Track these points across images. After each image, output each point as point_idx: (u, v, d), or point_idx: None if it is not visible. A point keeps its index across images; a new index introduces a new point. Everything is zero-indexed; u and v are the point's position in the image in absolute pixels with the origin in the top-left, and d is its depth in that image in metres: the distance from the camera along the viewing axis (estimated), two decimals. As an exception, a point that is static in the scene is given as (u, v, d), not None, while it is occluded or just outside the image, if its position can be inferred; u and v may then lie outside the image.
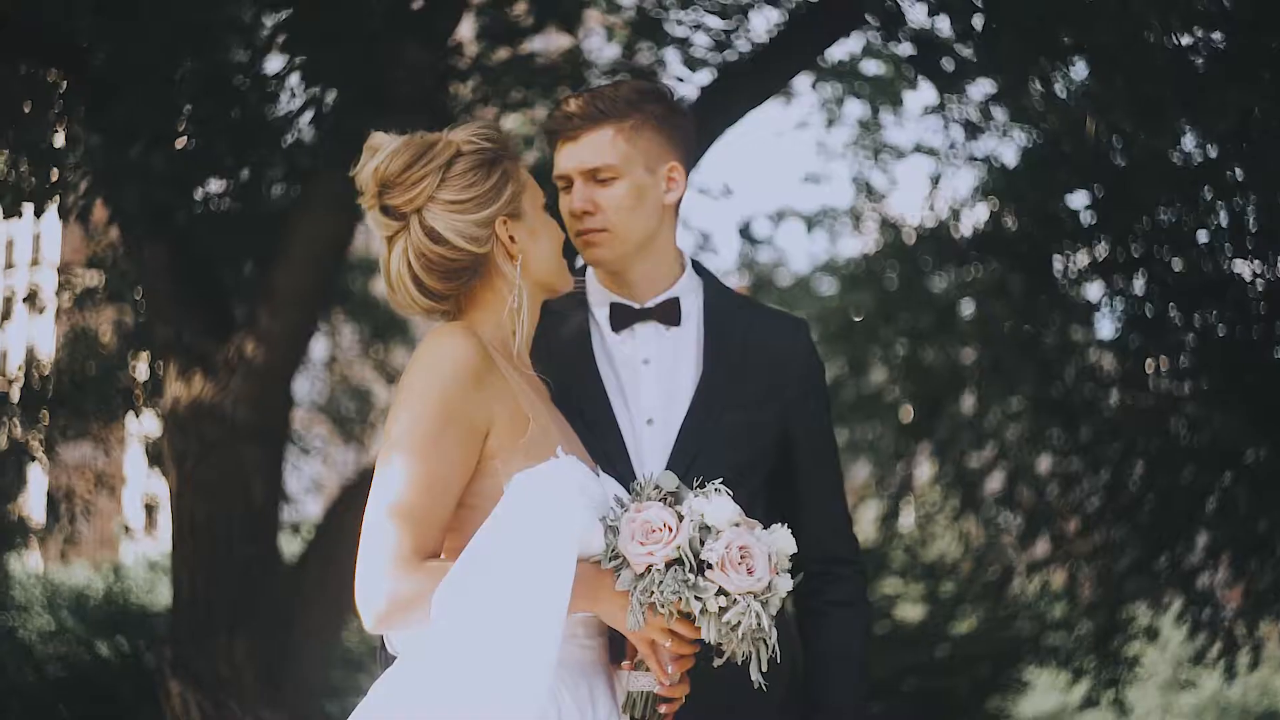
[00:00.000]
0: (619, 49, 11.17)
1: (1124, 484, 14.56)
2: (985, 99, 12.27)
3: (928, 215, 14.48)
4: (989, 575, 15.85)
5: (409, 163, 3.90)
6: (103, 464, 16.30)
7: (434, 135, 3.98)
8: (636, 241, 4.27)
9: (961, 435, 15.32)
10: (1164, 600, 15.03)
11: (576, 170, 4.24)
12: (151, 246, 9.62)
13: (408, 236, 3.94)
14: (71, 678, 15.23)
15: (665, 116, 4.30)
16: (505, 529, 3.70)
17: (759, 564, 3.76)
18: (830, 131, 13.96)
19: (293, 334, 9.58)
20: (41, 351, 15.04)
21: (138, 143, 8.72)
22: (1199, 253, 12.84)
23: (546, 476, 3.78)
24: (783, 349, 4.40)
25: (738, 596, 3.71)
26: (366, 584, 3.71)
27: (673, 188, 4.32)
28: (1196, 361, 13.59)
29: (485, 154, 3.98)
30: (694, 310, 4.38)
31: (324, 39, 9.05)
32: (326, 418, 17.22)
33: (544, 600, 3.65)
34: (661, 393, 4.31)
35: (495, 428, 3.86)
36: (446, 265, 3.94)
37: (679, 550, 3.73)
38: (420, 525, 3.73)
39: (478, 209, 3.94)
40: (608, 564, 3.79)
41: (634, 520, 3.77)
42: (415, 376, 3.83)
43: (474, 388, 3.82)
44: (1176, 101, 9.12)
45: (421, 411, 3.77)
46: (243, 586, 9.51)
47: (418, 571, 3.69)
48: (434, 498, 3.76)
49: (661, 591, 3.70)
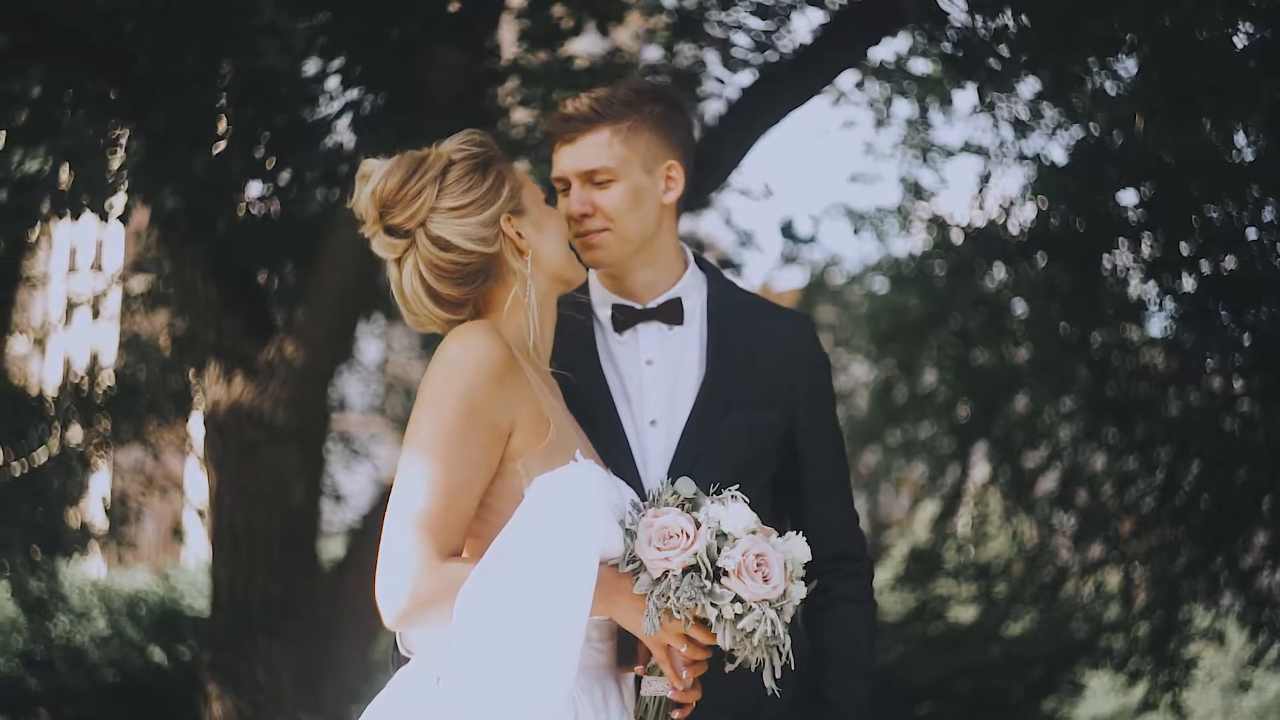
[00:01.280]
0: (659, 50, 11.15)
1: (1179, 484, 14.45)
2: (1034, 96, 12.21)
3: (977, 214, 14.40)
4: (1043, 576, 15.76)
5: (404, 179, 3.93)
6: (163, 468, 16.38)
7: (422, 151, 4.01)
8: (636, 242, 4.25)
9: (1015, 435, 15.25)
10: (1223, 601, 14.90)
11: (574, 173, 4.23)
12: (192, 250, 9.66)
13: (416, 251, 3.95)
14: (124, 683, 15.29)
15: (663, 116, 4.29)
16: (528, 533, 3.69)
17: (775, 572, 3.79)
18: (878, 131, 13.89)
19: (332, 336, 9.60)
20: (104, 356, 15.13)
21: (178, 147, 8.76)
22: (1249, 250, 12.74)
23: (568, 480, 3.77)
24: (787, 347, 4.37)
25: (754, 604, 3.74)
26: (388, 581, 3.71)
27: (671, 187, 4.30)
28: (1250, 360, 13.48)
29: (476, 158, 4.00)
30: (697, 309, 4.36)
31: (363, 43, 9.07)
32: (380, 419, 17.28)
33: (567, 604, 3.65)
34: (665, 393, 4.29)
35: (518, 429, 3.86)
36: (459, 270, 3.94)
37: (696, 557, 3.76)
38: (443, 524, 3.73)
39: (481, 210, 3.95)
40: (625, 568, 3.81)
41: (651, 525, 3.80)
42: (439, 374, 3.83)
43: (498, 388, 3.82)
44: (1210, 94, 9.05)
45: (445, 410, 3.78)
46: (281, 590, 9.54)
47: (440, 570, 3.69)
48: (457, 497, 3.75)
49: (678, 597, 3.73)
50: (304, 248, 9.95)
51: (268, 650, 9.43)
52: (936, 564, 16.32)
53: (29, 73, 9.19)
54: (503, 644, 3.60)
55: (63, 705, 14.82)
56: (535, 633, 3.61)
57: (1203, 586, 14.64)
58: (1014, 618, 16.48)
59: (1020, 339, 14.88)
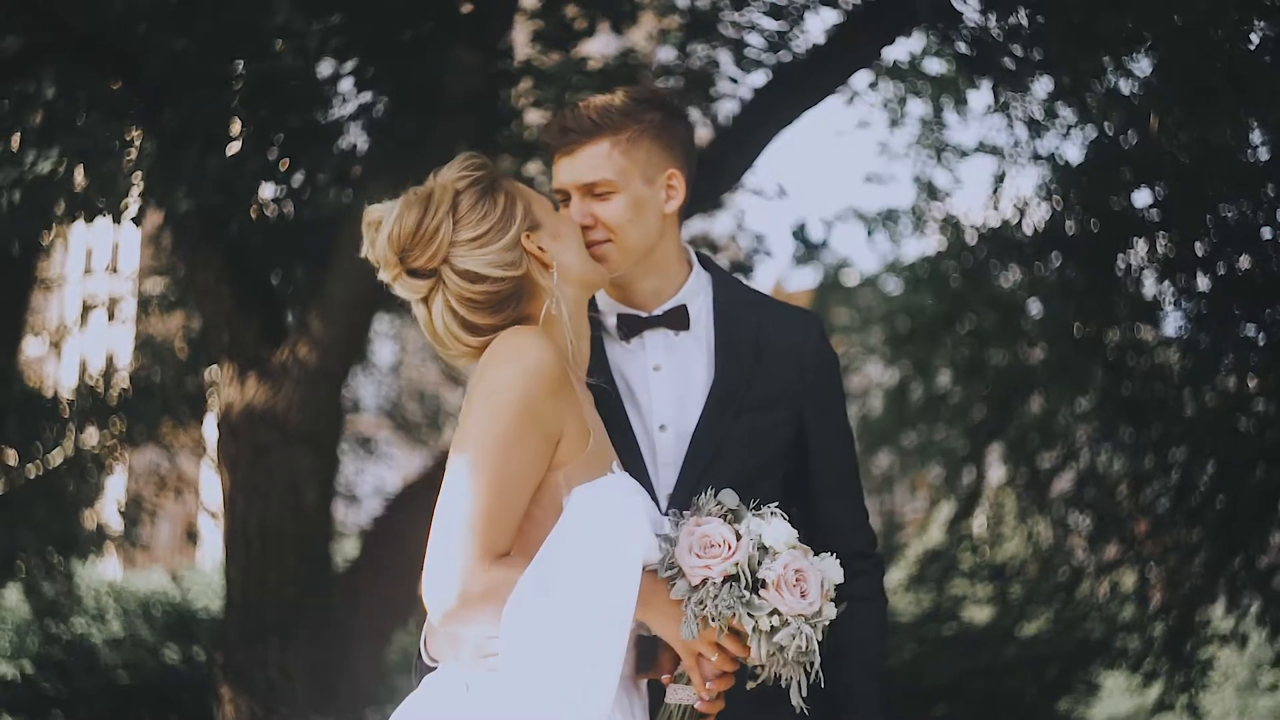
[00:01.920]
0: (673, 51, 11.14)
1: (1194, 484, 14.43)
2: (1048, 96, 12.19)
3: (991, 215, 14.38)
4: (1058, 577, 15.74)
5: (419, 219, 3.88)
6: (177, 470, 16.40)
7: (424, 187, 3.96)
8: (638, 253, 4.22)
9: (1031, 436, 15.23)
10: (1241, 602, 14.87)
11: (573, 185, 4.19)
12: (205, 251, 9.66)
13: (443, 289, 3.91)
14: (137, 684, 15.31)
15: (663, 124, 4.24)
16: (573, 542, 3.70)
17: (812, 589, 3.81)
18: (892, 131, 13.89)
19: (345, 339, 9.61)
20: (120, 358, 15.15)
21: (191, 148, 8.76)
22: (1265, 250, 12.72)
23: (608, 491, 3.79)
24: (794, 346, 4.34)
25: (790, 618, 3.75)
26: (437, 578, 3.68)
27: (672, 196, 4.26)
28: (1265, 359, 13.45)
29: (481, 182, 3.96)
30: (703, 313, 4.33)
31: (376, 44, 9.08)
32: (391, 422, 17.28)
33: (612, 612, 3.66)
34: (673, 398, 4.27)
35: (564, 437, 3.84)
36: (491, 299, 3.91)
37: (737, 566, 3.77)
38: (493, 524, 3.71)
39: (501, 234, 3.91)
40: (664, 573, 3.80)
41: (693, 533, 3.80)
42: (497, 375, 3.80)
43: (552, 395, 3.80)
44: (1231, 91, 9.02)
45: (502, 412, 3.75)
46: (295, 591, 9.54)
47: (489, 570, 3.67)
48: (508, 498, 3.73)
49: (716, 605, 3.73)
50: (317, 249, 9.95)
51: (281, 651, 9.43)
52: (951, 565, 16.31)
53: (43, 74, 9.20)
54: (550, 652, 3.60)
55: (76, 706, 14.84)
56: (582, 640, 3.62)
57: (1222, 587, 14.61)
58: (1029, 618, 16.46)
59: (1035, 339, 14.86)
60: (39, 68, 9.19)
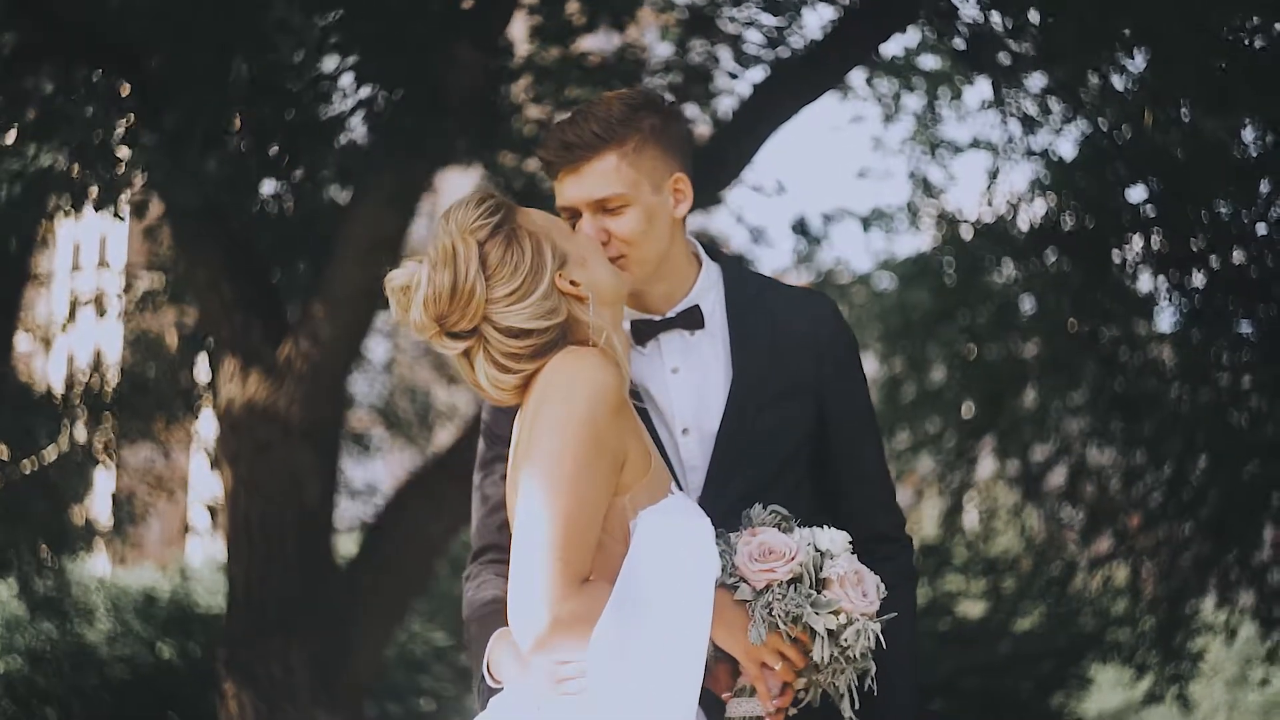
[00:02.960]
0: (672, 47, 11.14)
1: (1187, 479, 14.48)
2: (1042, 92, 12.21)
3: (986, 210, 14.41)
4: (1051, 571, 15.78)
5: (452, 284, 3.78)
6: (167, 466, 16.38)
7: (444, 241, 3.83)
8: (654, 263, 4.14)
9: (1023, 431, 15.26)
10: (1233, 596, 14.93)
11: (584, 203, 4.09)
12: (205, 247, 9.65)
13: (485, 345, 3.83)
14: (134, 680, 15.31)
15: (662, 128, 4.15)
16: (649, 567, 3.70)
17: (870, 588, 3.84)
18: (887, 127, 13.91)
19: (346, 334, 9.61)
20: (108, 354, 15.11)
21: (191, 144, 8.75)
22: (1258, 245, 12.76)
23: (674, 513, 3.79)
24: (809, 332, 4.27)
25: (855, 616, 3.77)
26: (525, 605, 3.65)
27: (680, 200, 4.17)
28: (1258, 354, 13.49)
29: (504, 229, 3.85)
30: (716, 308, 4.26)
31: (376, 40, 9.07)
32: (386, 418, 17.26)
33: (690, 633, 3.66)
34: (694, 400, 4.21)
35: (629, 460, 3.80)
36: (537, 348, 3.82)
37: (802, 567, 3.78)
38: (575, 548, 3.67)
39: (535, 283, 3.82)
40: (727, 581, 3.80)
41: (750, 543, 3.81)
42: (563, 399, 3.74)
43: (616, 417, 3.76)
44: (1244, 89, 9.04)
45: (573, 433, 3.70)
46: (297, 587, 9.54)
47: (577, 595, 3.65)
48: (586, 521, 3.70)
49: (785, 605, 3.74)
50: (318, 245, 9.95)
51: (284, 647, 9.43)
52: (945, 559, 16.35)
53: (41, 70, 9.19)
54: (634, 675, 3.61)
55: (72, 702, 14.85)
56: (664, 662, 3.63)
57: (1215, 582, 14.67)
58: (1022, 613, 16.52)
59: (1028, 334, 14.88)
60: (38, 63, 9.17)
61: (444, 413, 17.49)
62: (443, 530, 10.49)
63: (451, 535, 10.96)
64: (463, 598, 4.28)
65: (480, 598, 4.19)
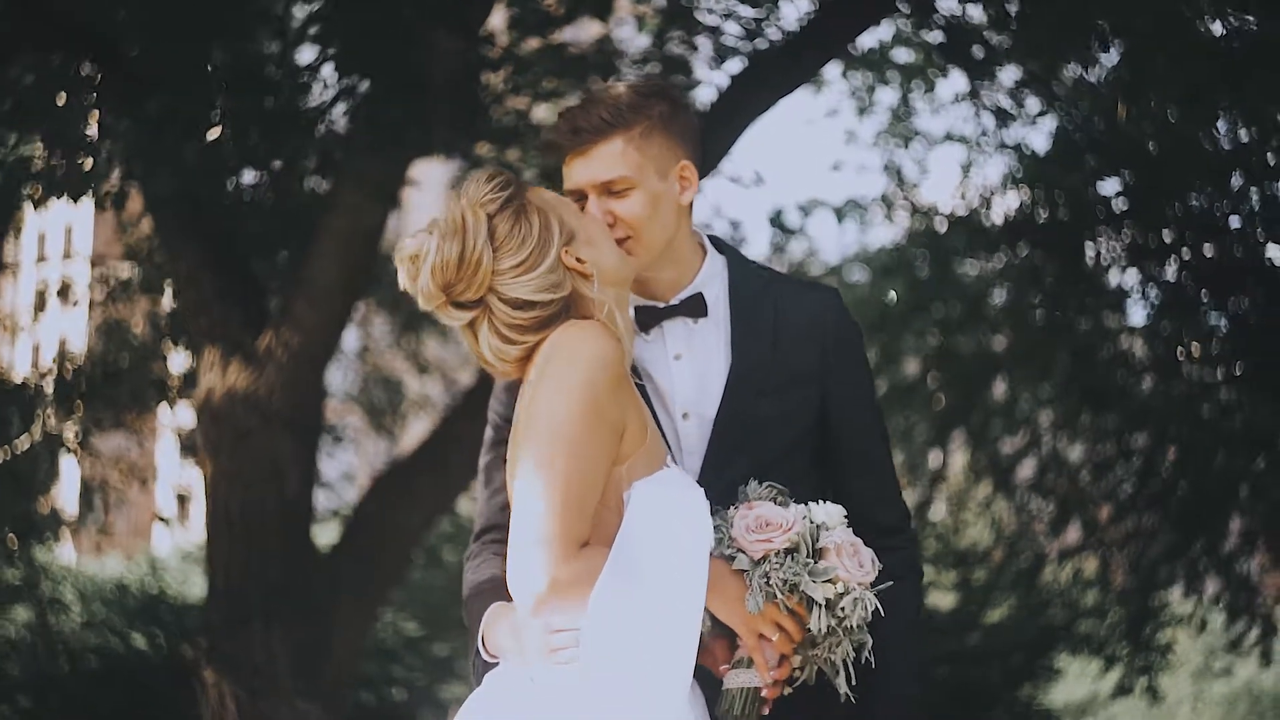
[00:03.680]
0: (650, 38, 11.13)
1: (1156, 470, 14.54)
2: (1016, 85, 12.26)
3: (959, 203, 14.44)
4: (1021, 563, 15.83)
5: (460, 255, 3.84)
6: (135, 455, 16.33)
7: (455, 213, 3.91)
8: (658, 248, 4.21)
9: (993, 423, 15.30)
10: (1201, 587, 15.00)
11: (590, 185, 4.16)
12: (185, 237, 9.64)
13: (490, 315, 3.90)
14: (106, 670, 15.27)
15: (671, 116, 4.23)
16: (644, 536, 3.73)
17: (865, 559, 3.89)
18: (861, 120, 13.94)
19: (327, 323, 9.60)
20: (73, 344, 15.05)
21: (171, 133, 8.74)
22: (1231, 238, 12.82)
23: (670, 484, 3.84)
24: (813, 324, 4.31)
25: (852, 585, 3.82)
26: (526, 567, 3.69)
27: (686, 188, 4.24)
28: (1228, 347, 13.56)
29: (514, 204, 3.92)
30: (720, 297, 4.32)
31: (356, 29, 9.06)
32: (358, 408, 17.24)
33: (685, 604, 3.70)
34: (694, 385, 4.26)
35: (627, 431, 3.85)
36: (541, 321, 3.89)
37: (799, 536, 3.83)
38: (575, 512, 3.71)
39: (542, 257, 3.89)
40: (724, 552, 3.85)
41: (746, 516, 3.86)
42: (564, 367, 3.80)
43: (616, 388, 3.81)
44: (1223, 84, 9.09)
45: (573, 400, 3.75)
46: (277, 576, 9.54)
47: (576, 558, 3.69)
48: (586, 486, 3.74)
49: (782, 573, 3.78)
50: (298, 234, 9.94)
51: (265, 635, 9.43)
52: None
53: (19, 59, 9.16)
54: (629, 644, 3.65)
55: (47, 692, 14.80)
56: (659, 631, 3.66)
57: (1182, 572, 14.74)
58: (992, 605, 16.57)
59: (999, 327, 14.92)
60: (15, 52, 9.14)
61: (416, 402, 17.49)
62: (420, 519, 10.51)
63: (428, 525, 10.99)
64: (463, 577, 4.34)
65: (479, 577, 4.25)
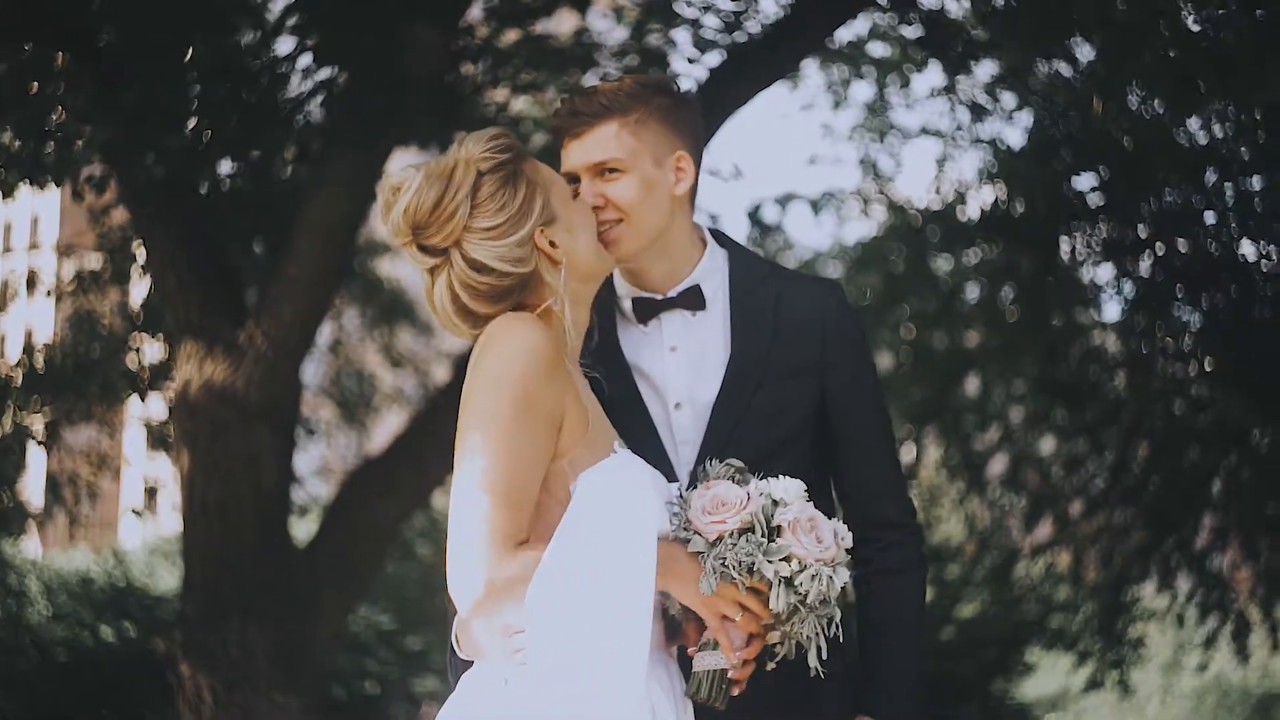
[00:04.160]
0: (629, 30, 11.10)
1: (1128, 466, 14.58)
2: (992, 80, 12.27)
3: (934, 198, 14.46)
4: (994, 558, 15.85)
5: (438, 199, 3.86)
6: (105, 447, 16.24)
7: (449, 160, 3.93)
8: (650, 235, 4.23)
9: (966, 418, 15.32)
10: (1172, 582, 15.04)
11: (583, 166, 4.21)
12: (162, 228, 9.57)
13: (450, 269, 3.91)
14: (75, 663, 15.21)
15: (670, 107, 4.27)
16: (586, 526, 3.72)
17: (826, 535, 3.86)
18: (837, 114, 13.95)
19: (305, 316, 9.55)
20: (39, 335, 14.97)
21: (148, 123, 8.68)
22: (1205, 234, 12.84)
23: (614, 470, 3.83)
24: (813, 318, 4.33)
25: (809, 562, 3.79)
26: (462, 570, 3.70)
27: (682, 178, 4.27)
28: (1202, 342, 13.59)
29: (506, 168, 3.93)
30: (719, 291, 4.34)
31: (335, 20, 9.01)
32: (330, 401, 17.20)
33: (634, 586, 3.68)
34: (688, 376, 4.28)
35: (565, 422, 3.85)
36: (494, 290, 3.91)
37: (752, 516, 3.82)
38: (512, 510, 3.71)
39: (514, 229, 3.91)
40: (680, 535, 3.86)
41: (704, 496, 3.87)
42: (493, 362, 3.81)
43: (549, 378, 3.81)
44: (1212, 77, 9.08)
45: (504, 396, 3.76)
46: (254, 569, 9.49)
47: (513, 557, 3.68)
48: (522, 483, 3.74)
49: (735, 554, 3.78)
50: (276, 226, 9.89)
51: (241, 629, 9.38)
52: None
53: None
54: (578, 633, 3.63)
55: (16, 685, 14.73)
56: (608, 617, 3.64)
57: (1156, 567, 14.78)
58: (966, 599, 16.59)
59: (972, 322, 14.94)
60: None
61: (389, 394, 17.46)
62: (397, 512, 10.48)
63: (404, 518, 10.96)
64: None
65: None
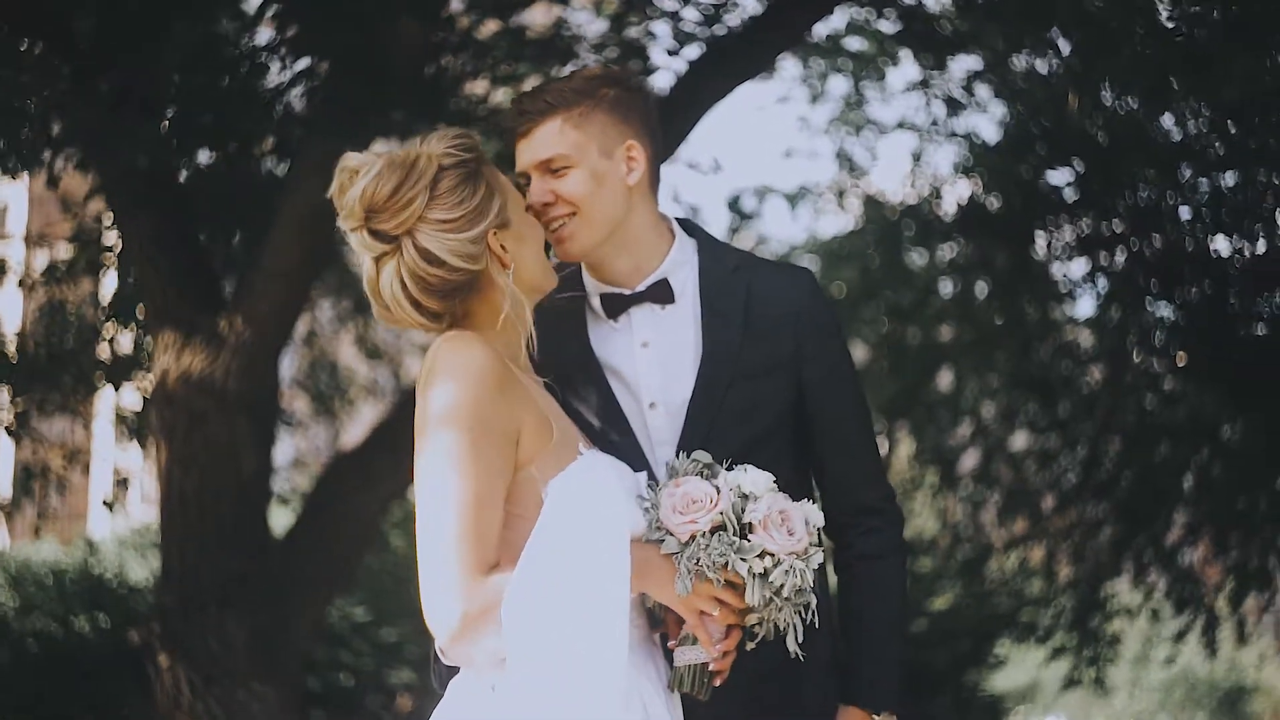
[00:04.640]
0: (608, 23, 11.09)
1: (1101, 461, 14.61)
2: (968, 75, 12.28)
3: (909, 192, 14.47)
4: (967, 552, 15.88)
5: (397, 185, 3.86)
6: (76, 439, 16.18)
7: (411, 151, 3.94)
8: (605, 228, 4.21)
9: (939, 412, 15.34)
10: (1146, 577, 15.08)
11: (531, 164, 4.20)
12: (139, 217, 9.53)
13: (400, 258, 3.90)
14: (47, 655, 15.17)
15: (617, 98, 4.25)
16: (556, 532, 3.72)
17: (797, 526, 3.87)
18: (814, 107, 13.94)
19: (283, 306, 9.53)
20: (7, 325, 14.90)
21: (125, 112, 8.64)
22: (1179, 229, 12.87)
23: (582, 473, 3.83)
24: (786, 308, 4.30)
25: (782, 556, 3.80)
26: (437, 604, 3.70)
27: (634, 168, 4.23)
28: (1175, 338, 13.63)
29: (468, 166, 3.95)
30: (688, 284, 4.31)
31: (315, 10, 8.98)
32: (304, 393, 17.13)
33: (608, 588, 3.69)
34: (662, 374, 4.26)
35: (524, 433, 3.85)
36: (444, 285, 3.91)
37: (723, 515, 3.82)
38: (478, 538, 3.71)
39: (470, 225, 3.91)
40: (652, 536, 3.85)
41: (674, 494, 3.87)
42: (440, 388, 3.80)
43: (499, 396, 3.81)
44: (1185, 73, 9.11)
45: (456, 424, 3.75)
46: (233, 560, 9.47)
47: (485, 585, 3.68)
48: (485, 509, 3.74)
49: (708, 554, 3.78)
50: (255, 217, 9.86)
51: (219, 620, 9.35)
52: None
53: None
54: (557, 640, 3.63)
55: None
56: (585, 622, 3.65)
57: (1129, 562, 14.82)
58: (939, 593, 16.63)
59: (946, 316, 14.95)
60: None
61: (365, 386, 17.40)
62: (376, 504, 10.46)
63: (383, 510, 10.94)
64: None
65: None
